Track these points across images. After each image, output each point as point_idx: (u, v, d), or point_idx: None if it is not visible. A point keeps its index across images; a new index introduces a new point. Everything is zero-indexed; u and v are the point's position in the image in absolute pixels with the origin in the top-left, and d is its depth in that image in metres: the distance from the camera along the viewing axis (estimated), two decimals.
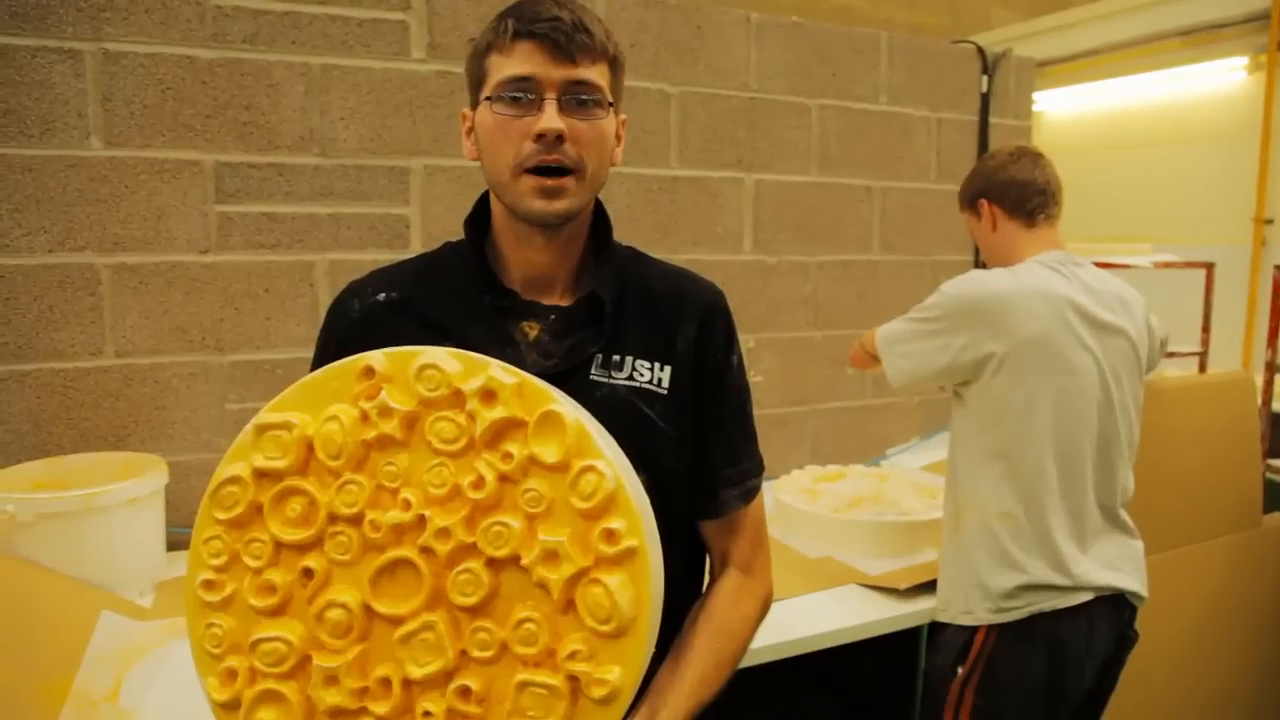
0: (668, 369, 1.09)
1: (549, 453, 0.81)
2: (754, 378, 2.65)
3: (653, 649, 0.84)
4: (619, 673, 0.79)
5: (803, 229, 2.68)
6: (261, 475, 0.85)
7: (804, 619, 1.73)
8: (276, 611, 0.84)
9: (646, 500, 0.86)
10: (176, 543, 1.83)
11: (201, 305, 1.98)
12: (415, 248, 2.15)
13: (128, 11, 1.85)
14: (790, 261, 2.67)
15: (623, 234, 2.27)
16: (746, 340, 2.63)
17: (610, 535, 0.80)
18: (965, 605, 1.67)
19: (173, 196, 1.93)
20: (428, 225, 2.16)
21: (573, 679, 0.80)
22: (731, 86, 2.52)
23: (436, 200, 2.16)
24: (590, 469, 0.80)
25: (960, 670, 1.66)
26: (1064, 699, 1.66)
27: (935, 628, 1.76)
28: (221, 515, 0.85)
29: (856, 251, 2.78)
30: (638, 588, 0.80)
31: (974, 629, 1.66)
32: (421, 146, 2.14)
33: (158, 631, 1.49)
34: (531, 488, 0.82)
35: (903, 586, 1.83)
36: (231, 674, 0.84)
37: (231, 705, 0.84)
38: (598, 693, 0.79)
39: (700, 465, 1.13)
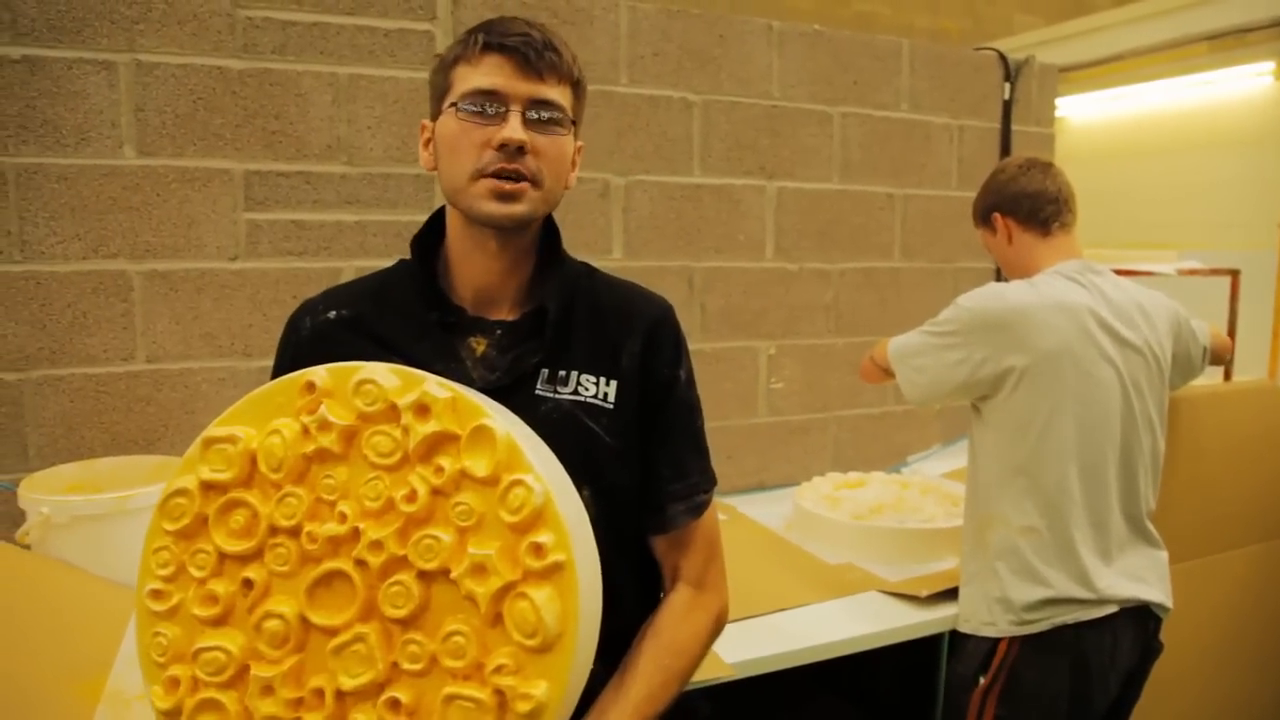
0: (614, 384, 1.09)
1: (479, 466, 0.82)
2: (774, 385, 2.66)
3: (588, 664, 0.84)
4: (545, 687, 0.79)
5: (824, 236, 2.69)
6: (208, 487, 0.86)
7: (824, 626, 1.73)
8: (218, 621, 0.86)
9: (582, 515, 0.87)
10: None
11: (230, 311, 2.01)
12: None
13: (160, 24, 1.89)
14: (812, 269, 2.68)
15: (645, 241, 2.27)
16: (768, 347, 2.64)
17: (538, 549, 0.80)
18: (988, 617, 1.67)
19: (203, 204, 1.96)
20: None
21: (499, 693, 0.80)
22: (753, 94, 2.53)
23: None
24: (519, 483, 0.81)
25: (982, 680, 1.65)
26: (1087, 710, 1.65)
27: (957, 637, 1.75)
28: (169, 526, 0.87)
29: (878, 259, 2.79)
30: (565, 603, 0.80)
31: (996, 640, 1.65)
32: None
33: None
34: (462, 501, 0.82)
35: (923, 594, 1.83)
36: (174, 682, 0.85)
37: (173, 713, 0.85)
38: (523, 707, 0.79)
39: (648, 480, 1.13)
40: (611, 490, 1.06)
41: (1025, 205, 1.77)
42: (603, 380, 1.09)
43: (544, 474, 0.82)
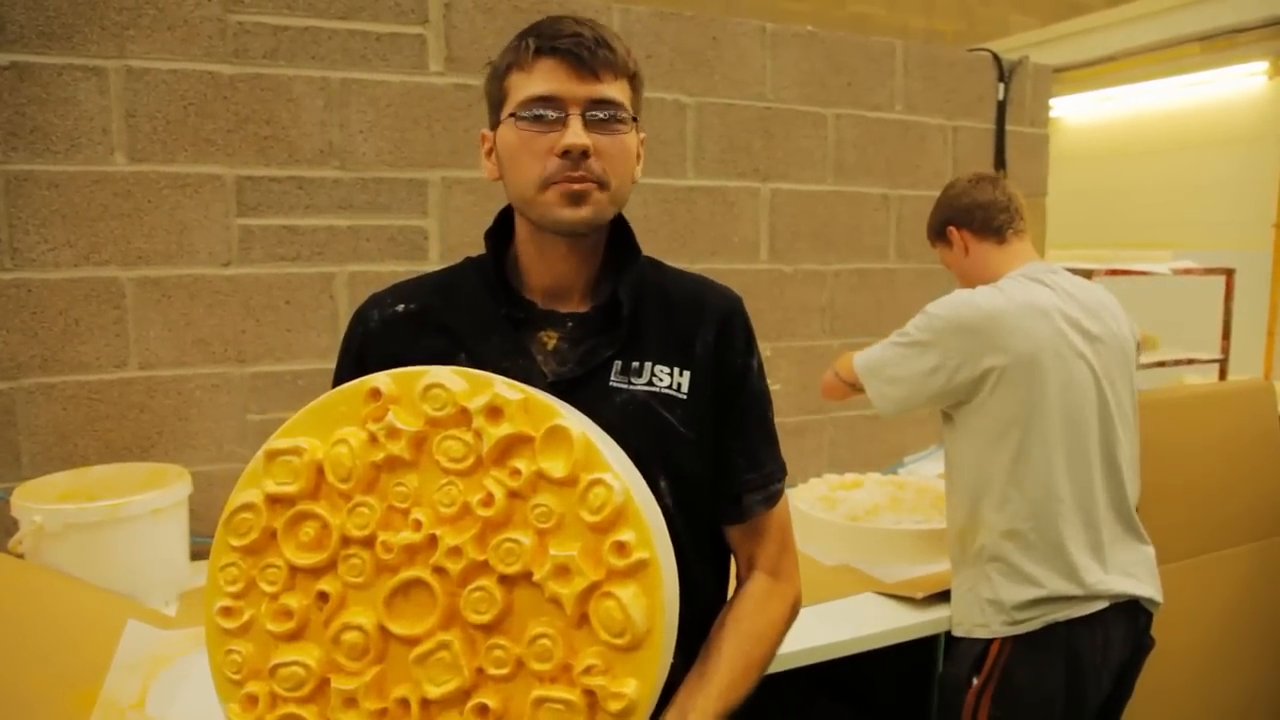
0: (687, 374, 1.10)
1: (556, 467, 0.82)
2: (772, 386, 2.65)
3: (670, 659, 0.84)
4: (635, 686, 0.79)
5: (819, 237, 2.69)
6: (274, 501, 0.85)
7: (821, 627, 1.73)
8: (294, 636, 0.85)
9: (658, 511, 0.86)
10: (200, 552, 1.84)
11: (223, 317, 2.00)
12: (433, 259, 2.17)
13: (151, 29, 1.88)
14: (806, 270, 2.68)
15: (640, 244, 2.27)
16: (764, 349, 2.62)
17: (621, 548, 0.80)
18: (980, 619, 1.67)
19: (195, 210, 1.96)
20: (446, 237, 2.18)
21: (589, 693, 0.79)
22: (747, 96, 2.53)
23: (455, 212, 2.18)
24: (598, 482, 0.80)
25: (975, 680, 1.66)
26: (1081, 708, 1.66)
27: (950, 639, 1.76)
28: (236, 542, 0.86)
29: (873, 260, 2.78)
30: (651, 599, 0.80)
31: (989, 640, 1.66)
32: (439, 159, 2.16)
33: (183, 640, 1.51)
34: (541, 503, 0.82)
35: (919, 596, 1.83)
36: (252, 700, 0.85)
37: None
38: (614, 706, 0.78)
39: (723, 470, 1.14)
40: (687, 480, 1.07)
41: (979, 216, 1.82)
42: (676, 370, 1.09)
43: (621, 472, 0.82)
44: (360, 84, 2.07)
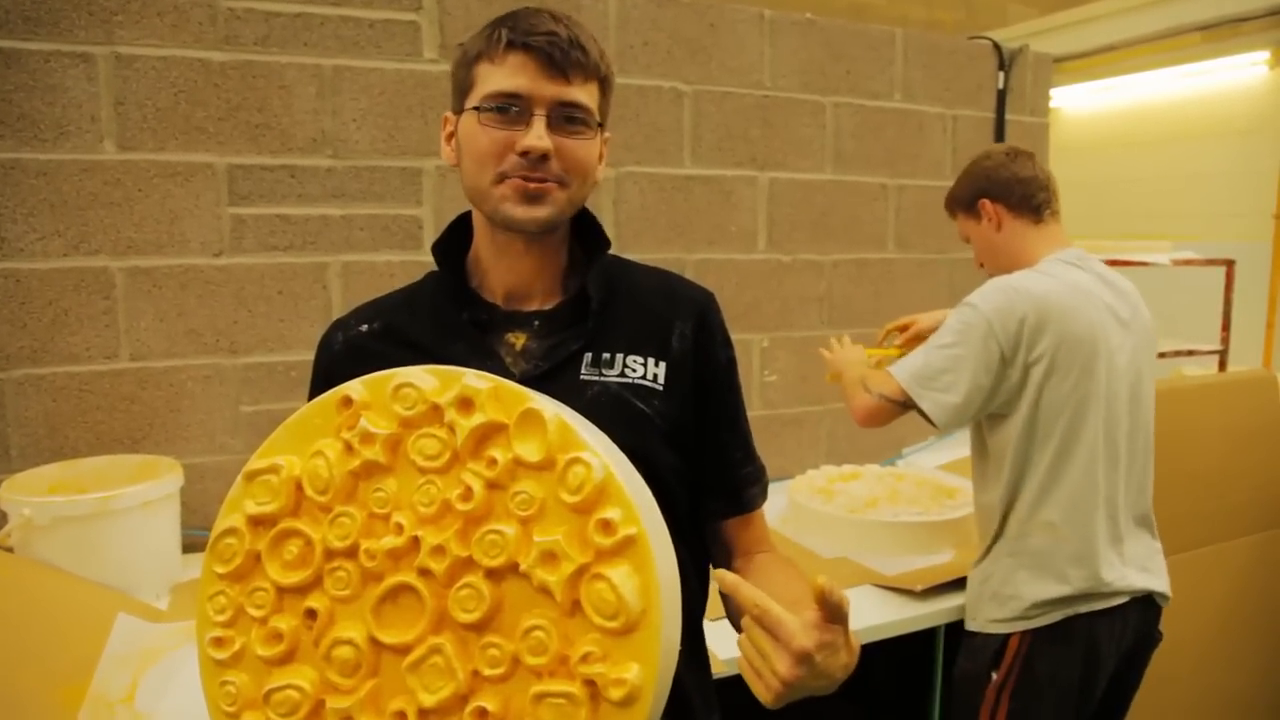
0: (663, 364, 1.07)
1: (532, 451, 0.79)
2: (768, 377, 2.64)
3: (677, 641, 0.81)
4: (637, 670, 0.75)
5: (817, 227, 2.67)
6: (255, 522, 0.83)
7: None
8: (285, 659, 0.83)
9: (644, 487, 0.84)
10: (192, 545, 1.83)
11: (215, 308, 1.98)
12: (427, 249, 2.14)
13: (140, 15, 1.86)
14: (805, 260, 2.66)
15: (636, 233, 2.25)
16: (761, 339, 2.62)
17: (606, 526, 0.77)
18: (997, 614, 1.65)
19: (186, 199, 1.93)
20: (440, 226, 2.13)
21: (590, 683, 0.76)
22: (745, 84, 2.51)
23: (449, 201, 2.16)
24: (576, 461, 0.78)
25: (995, 675, 1.63)
26: (1091, 698, 1.65)
27: (963, 633, 1.73)
28: (221, 569, 0.84)
29: (871, 250, 2.76)
30: (643, 577, 0.76)
31: (1007, 635, 1.63)
32: (434, 147, 2.13)
33: (173, 634, 1.50)
34: (521, 490, 0.79)
35: (919, 588, 1.81)
36: None
37: None
38: (616, 694, 0.75)
39: (719, 465, 1.13)
40: (664, 470, 1.04)
41: (1018, 191, 1.73)
42: (651, 361, 1.07)
43: (599, 449, 0.79)
44: (353, 71, 2.05)
